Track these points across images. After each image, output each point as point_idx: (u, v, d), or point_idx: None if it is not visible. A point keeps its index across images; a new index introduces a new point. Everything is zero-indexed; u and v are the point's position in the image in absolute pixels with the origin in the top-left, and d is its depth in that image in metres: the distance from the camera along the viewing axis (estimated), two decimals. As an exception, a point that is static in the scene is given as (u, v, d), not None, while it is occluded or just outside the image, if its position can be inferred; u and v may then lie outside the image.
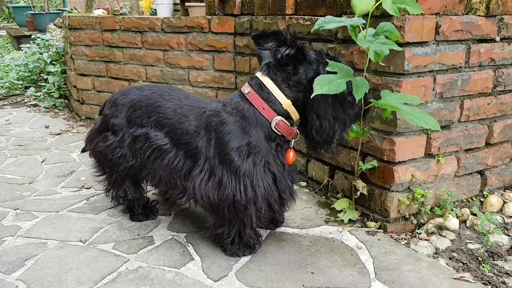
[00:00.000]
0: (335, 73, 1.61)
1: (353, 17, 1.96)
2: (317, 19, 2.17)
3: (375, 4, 1.69)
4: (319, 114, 1.65)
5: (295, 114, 1.71)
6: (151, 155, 1.87)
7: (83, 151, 2.26)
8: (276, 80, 1.68)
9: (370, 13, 1.73)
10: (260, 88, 1.69)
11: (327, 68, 1.62)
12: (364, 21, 1.70)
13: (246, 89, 1.71)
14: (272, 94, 1.67)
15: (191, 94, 1.99)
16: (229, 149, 1.68)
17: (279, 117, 1.68)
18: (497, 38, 2.05)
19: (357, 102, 1.63)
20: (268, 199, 1.72)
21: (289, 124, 1.70)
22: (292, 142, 1.77)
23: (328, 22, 1.73)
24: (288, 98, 1.67)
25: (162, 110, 1.89)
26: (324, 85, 1.54)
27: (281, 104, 1.67)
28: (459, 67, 1.98)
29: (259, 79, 1.70)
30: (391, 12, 1.64)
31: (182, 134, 1.81)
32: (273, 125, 1.68)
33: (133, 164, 1.95)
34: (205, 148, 1.75)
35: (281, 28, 1.70)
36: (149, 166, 1.90)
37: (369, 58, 1.69)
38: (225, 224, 1.76)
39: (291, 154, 1.77)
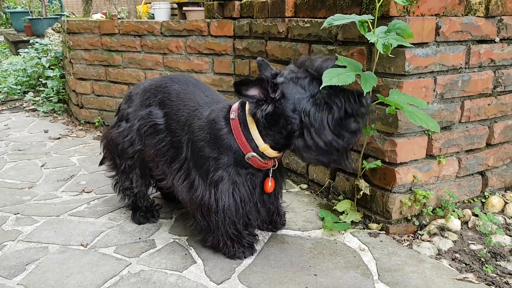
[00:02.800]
0: (344, 67, 1.62)
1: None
2: (317, 21, 2.20)
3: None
4: (316, 139, 1.55)
5: (271, 154, 1.67)
6: (148, 130, 1.93)
7: (101, 163, 2.29)
8: (258, 125, 1.64)
9: (377, 10, 1.74)
10: (243, 123, 1.66)
11: (337, 62, 1.60)
12: (372, 17, 1.71)
13: (233, 113, 1.69)
14: (252, 135, 1.65)
15: (202, 83, 2.02)
16: (201, 155, 1.73)
17: (253, 153, 1.67)
18: (497, 39, 2.05)
19: (365, 94, 1.57)
20: (232, 215, 1.73)
21: (261, 160, 1.69)
22: (271, 171, 1.77)
23: (337, 19, 1.75)
24: (266, 143, 1.65)
25: (167, 90, 1.94)
26: (333, 77, 1.53)
27: (257, 147, 1.66)
28: (459, 68, 1.98)
29: (245, 114, 1.66)
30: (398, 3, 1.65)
31: (175, 120, 1.86)
32: (246, 157, 1.69)
33: (140, 147, 1.97)
34: (186, 146, 1.80)
35: (262, 74, 1.63)
36: (144, 141, 1.95)
37: (370, 58, 1.69)
38: (201, 227, 1.81)
39: (269, 183, 1.78)
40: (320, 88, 1.52)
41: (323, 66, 1.56)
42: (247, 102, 1.65)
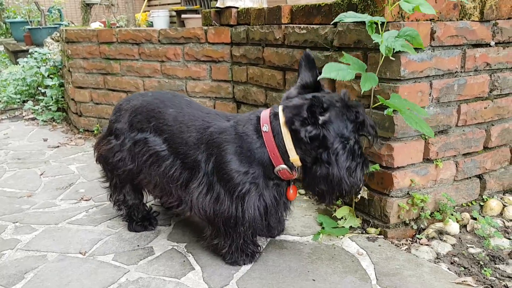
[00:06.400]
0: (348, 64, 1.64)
1: (348, 24, 1.99)
2: (313, 27, 2.21)
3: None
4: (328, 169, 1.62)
5: (298, 164, 1.69)
6: (148, 159, 1.89)
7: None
8: (295, 137, 1.63)
9: (391, 11, 1.78)
10: (277, 135, 1.66)
11: (342, 59, 1.62)
12: (384, 19, 1.73)
13: (265, 126, 1.67)
14: (286, 146, 1.65)
15: (194, 102, 2.00)
16: (229, 169, 1.69)
17: (284, 166, 1.68)
18: (492, 43, 2.06)
19: (362, 93, 1.62)
20: (255, 225, 1.75)
21: (290, 172, 1.70)
22: (292, 181, 1.79)
23: (348, 17, 1.75)
24: (297, 155, 1.65)
25: (162, 115, 1.90)
26: (333, 71, 1.54)
27: (289, 158, 1.66)
28: (455, 72, 1.99)
29: (279, 125, 1.65)
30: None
31: (181, 143, 1.82)
32: (276, 170, 1.69)
33: (131, 168, 1.96)
34: (204, 163, 1.76)
35: (301, 73, 1.69)
36: (146, 170, 1.92)
37: (366, 64, 1.70)
38: (220, 235, 1.79)
39: (291, 191, 1.79)
40: (320, 77, 1.58)
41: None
42: (281, 112, 1.65)
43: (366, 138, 1.72)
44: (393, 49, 1.69)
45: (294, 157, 1.65)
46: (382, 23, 1.76)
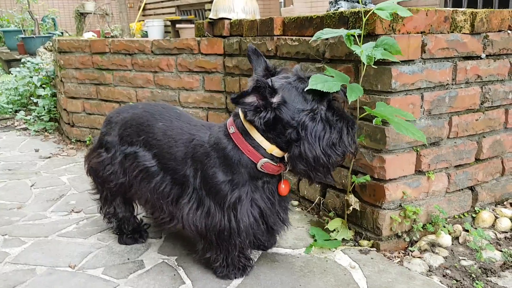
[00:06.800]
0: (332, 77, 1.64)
1: (339, 36, 2.00)
2: (304, 39, 2.22)
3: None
4: (310, 145, 1.57)
5: (280, 153, 1.66)
6: (138, 175, 1.87)
7: None
8: (258, 129, 1.62)
9: (363, 24, 1.79)
10: (244, 132, 1.65)
11: (325, 72, 1.61)
12: (360, 32, 1.74)
13: (231, 128, 1.67)
14: (255, 140, 1.64)
15: (184, 114, 1.98)
16: (215, 182, 1.68)
17: (265, 159, 1.65)
18: (483, 55, 2.07)
19: (349, 103, 1.61)
20: (253, 232, 1.72)
21: (275, 164, 1.67)
22: (283, 175, 1.77)
23: (326, 33, 1.78)
24: (272, 144, 1.64)
25: (151, 129, 1.89)
26: (319, 82, 1.54)
27: (265, 149, 1.64)
28: (446, 84, 2.00)
29: (242, 122, 1.65)
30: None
31: (170, 159, 1.80)
32: (258, 166, 1.66)
33: (123, 182, 1.94)
34: (192, 177, 1.75)
35: (255, 76, 1.65)
36: (136, 186, 1.90)
37: (357, 75, 1.71)
38: (213, 249, 1.76)
39: (282, 185, 1.76)
40: (306, 88, 1.55)
41: None
42: (240, 110, 1.65)
43: (340, 102, 1.67)
44: (374, 57, 1.71)
45: (270, 147, 1.64)
46: (359, 35, 1.78)
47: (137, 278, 1.81)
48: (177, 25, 4.71)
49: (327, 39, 2.09)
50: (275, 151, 1.64)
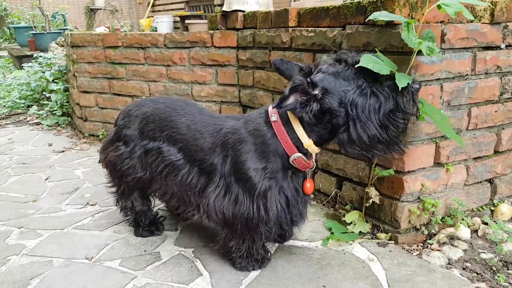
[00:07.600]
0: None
1: (357, 26, 1.97)
2: (321, 30, 2.19)
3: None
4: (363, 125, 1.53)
5: (315, 150, 1.65)
6: (164, 170, 1.85)
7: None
8: (302, 122, 1.61)
9: (425, 14, 1.77)
10: (287, 123, 1.63)
11: (377, 54, 1.58)
12: (417, 23, 1.72)
13: (274, 116, 1.65)
14: (296, 133, 1.62)
15: (205, 108, 1.98)
16: (246, 169, 1.67)
17: (298, 154, 1.64)
18: (503, 46, 2.04)
19: (400, 89, 1.53)
20: (280, 222, 1.72)
21: (306, 160, 1.66)
22: (309, 173, 1.76)
23: (384, 16, 1.73)
24: (310, 138, 1.62)
25: (175, 125, 1.88)
26: (370, 62, 1.52)
27: (303, 144, 1.63)
28: (466, 75, 1.97)
29: (287, 112, 1.63)
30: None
31: (197, 150, 1.79)
32: (291, 159, 1.66)
33: (141, 176, 1.93)
34: (221, 165, 1.74)
35: (296, 74, 1.62)
36: (161, 181, 1.88)
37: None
38: (236, 238, 1.74)
39: (307, 184, 1.76)
40: (357, 65, 1.51)
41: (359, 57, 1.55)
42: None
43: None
44: (434, 48, 1.66)
45: (308, 143, 1.62)
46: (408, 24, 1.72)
47: (155, 270, 1.81)
48: (186, 21, 4.68)
49: (343, 29, 2.06)
50: (312, 147, 1.63)
